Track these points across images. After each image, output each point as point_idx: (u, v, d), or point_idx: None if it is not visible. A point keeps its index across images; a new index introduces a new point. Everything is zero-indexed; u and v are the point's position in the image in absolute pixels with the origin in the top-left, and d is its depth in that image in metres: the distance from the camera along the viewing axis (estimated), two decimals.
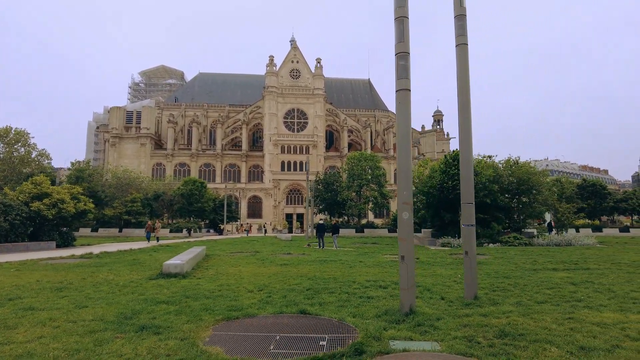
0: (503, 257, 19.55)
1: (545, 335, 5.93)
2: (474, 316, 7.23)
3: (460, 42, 9.63)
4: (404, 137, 7.90)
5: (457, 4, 9.70)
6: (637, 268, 14.36)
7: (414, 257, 7.74)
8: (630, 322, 6.67)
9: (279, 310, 7.93)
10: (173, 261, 12.88)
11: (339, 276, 12.66)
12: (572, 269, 14.41)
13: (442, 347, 5.53)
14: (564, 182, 58.39)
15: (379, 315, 7.36)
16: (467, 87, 9.60)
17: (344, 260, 18.13)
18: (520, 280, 11.57)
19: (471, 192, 9.41)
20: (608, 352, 5.15)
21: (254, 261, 17.36)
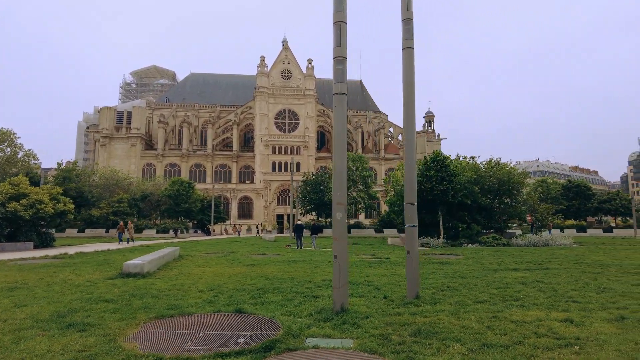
0: (474, 257, 19.77)
1: (457, 333, 6.10)
2: (403, 315, 7.40)
3: (407, 46, 9.81)
4: (339, 139, 8.07)
5: (404, 8, 9.89)
6: (595, 267, 14.61)
7: (347, 256, 7.89)
8: (548, 319, 6.86)
9: (217, 309, 8.07)
10: (133, 261, 12.98)
11: (298, 276, 12.81)
12: (532, 268, 14.63)
13: (354, 345, 5.69)
14: (550, 182, 59.04)
15: (312, 314, 7.51)
16: (412, 91, 9.79)
17: (313, 260, 18.28)
18: (474, 280, 11.76)
19: (414, 194, 9.56)
20: (506, 349, 5.32)
21: (223, 262, 17.47)
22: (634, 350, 5.18)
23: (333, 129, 8.29)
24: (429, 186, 30.25)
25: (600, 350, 5.17)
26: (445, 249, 25.60)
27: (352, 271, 14.40)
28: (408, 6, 9.86)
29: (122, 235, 31.72)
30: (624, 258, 18.47)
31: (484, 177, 33.02)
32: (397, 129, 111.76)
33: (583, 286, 10.44)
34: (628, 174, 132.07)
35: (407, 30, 9.81)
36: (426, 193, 30.57)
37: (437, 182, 29.98)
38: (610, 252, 22.57)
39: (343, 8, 8.22)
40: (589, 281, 11.28)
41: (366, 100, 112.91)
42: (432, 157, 31.92)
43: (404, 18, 9.88)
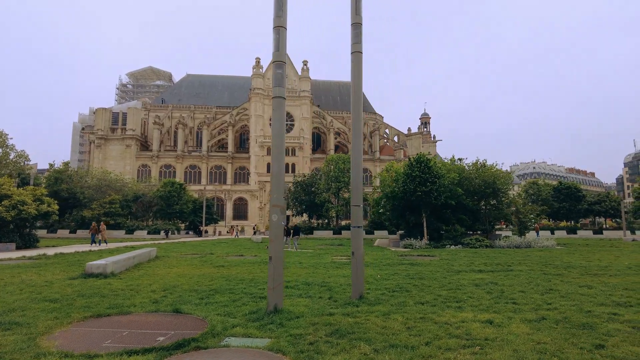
0: (448, 259, 19.88)
1: (373, 334, 6.20)
2: (335, 315, 7.51)
3: (355, 50, 9.95)
4: (278, 143, 8.20)
5: (353, 12, 10.02)
6: (559, 269, 14.72)
7: (282, 257, 8.01)
8: (472, 320, 6.97)
9: (157, 309, 8.19)
10: (97, 262, 13.10)
11: (259, 277, 12.91)
12: (497, 270, 14.74)
13: (266, 344, 5.80)
14: (541, 184, 59.13)
15: (247, 314, 7.63)
16: (359, 94, 9.92)
17: (287, 261, 18.38)
18: (431, 282, 11.85)
19: (360, 196, 9.68)
20: (410, 349, 5.43)
21: (195, 263, 17.59)
22: (530, 349, 5.30)
23: (272, 131, 8.41)
24: (412, 187, 30.36)
25: (497, 351, 5.28)
26: (425, 251, 25.70)
27: (317, 272, 14.56)
28: (357, 10, 10.00)
29: (95, 237, 30.49)
30: (595, 260, 18.60)
31: (468, 179, 33.09)
32: (393, 131, 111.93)
33: (532, 288, 10.55)
34: (623, 175, 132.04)
35: (356, 35, 9.95)
36: (410, 194, 30.70)
37: (420, 183, 30.09)
38: (586, 253, 22.67)
39: (283, 13, 8.35)
40: (542, 283, 11.40)
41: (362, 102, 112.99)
42: (416, 158, 32.02)
43: (353, 22, 10.02)
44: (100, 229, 31.47)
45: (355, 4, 9.98)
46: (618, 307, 7.92)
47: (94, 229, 30.93)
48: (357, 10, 10.00)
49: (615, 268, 15.08)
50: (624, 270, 14.30)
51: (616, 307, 7.98)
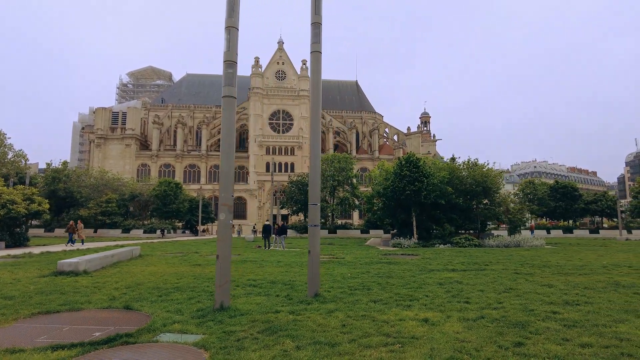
0: (430, 257, 19.90)
1: (305, 331, 6.26)
2: (280, 313, 7.57)
3: (314, 50, 10.01)
4: (226, 142, 8.27)
5: (313, 12, 10.08)
6: (534, 268, 14.72)
7: (229, 257, 8.10)
8: (411, 319, 7.01)
9: (109, 305, 8.31)
10: (69, 260, 13.23)
11: (235, 277, 12.94)
12: (470, 269, 14.76)
13: (197, 340, 5.88)
14: (537, 184, 58.94)
15: (194, 312, 7.71)
16: (318, 93, 9.98)
17: (266, 260, 18.50)
18: (396, 281, 11.88)
19: (317, 194, 9.74)
20: (331, 346, 5.48)
21: (175, 262, 17.71)
22: (449, 347, 5.33)
23: (221, 131, 8.48)
24: (401, 186, 30.39)
25: (416, 348, 5.32)
26: (411, 250, 25.72)
27: (290, 271, 14.66)
28: (317, 10, 10.06)
29: (72, 236, 28.85)
30: (575, 259, 18.56)
31: (459, 178, 33.06)
32: (393, 130, 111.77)
33: (493, 287, 10.57)
34: (625, 174, 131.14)
35: (315, 34, 10.01)
36: (399, 193, 30.73)
37: (409, 182, 30.10)
38: (571, 253, 22.64)
39: (234, 14, 8.42)
40: (507, 282, 11.41)
41: (362, 101, 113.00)
42: (406, 157, 32.04)
43: (312, 22, 10.08)
44: (77, 228, 30.20)
45: (314, 4, 10.04)
46: (564, 306, 7.94)
47: (71, 227, 29.49)
48: (317, 10, 10.06)
49: (590, 267, 15.07)
50: (597, 269, 14.28)
51: (563, 305, 8.00)
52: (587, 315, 7.08)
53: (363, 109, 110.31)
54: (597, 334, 5.89)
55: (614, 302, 8.37)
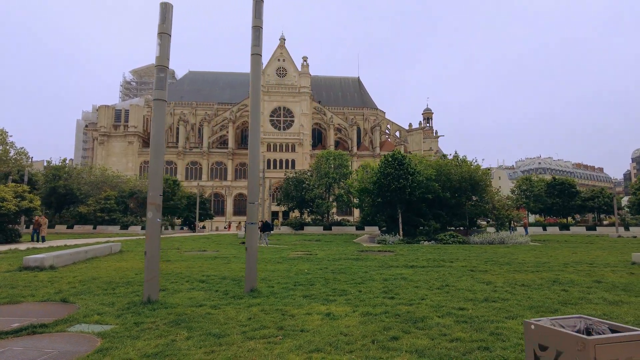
0: (403, 254, 20.14)
1: (207, 323, 6.62)
2: (203, 307, 7.91)
3: (255, 52, 10.33)
4: (156, 143, 8.63)
5: (254, 16, 10.39)
6: (493, 265, 14.91)
7: (158, 253, 8.48)
8: (318, 313, 7.33)
9: (48, 298, 8.75)
10: (35, 255, 13.74)
11: (192, 272, 13.39)
12: (430, 266, 14.97)
13: (104, 330, 6.27)
14: (534, 180, 58.66)
15: (124, 305, 8.12)
16: (258, 95, 10.29)
17: (238, 256, 18.86)
18: (346, 277, 12.16)
19: (256, 193, 10.08)
20: (220, 337, 5.83)
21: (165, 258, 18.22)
22: (324, 340, 5.62)
23: (151, 132, 8.85)
24: (385, 183, 30.61)
25: (293, 340, 5.66)
26: (391, 246, 25.96)
27: (258, 267, 14.96)
28: (257, 14, 10.36)
29: (36, 233, 27.22)
30: (546, 257, 18.63)
31: (446, 174, 33.16)
32: (394, 126, 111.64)
33: (432, 283, 10.82)
34: (631, 171, 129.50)
35: (256, 37, 10.32)
36: (384, 190, 30.96)
37: (393, 179, 30.31)
38: (548, 250, 22.70)
39: (166, 20, 8.77)
40: (451, 279, 11.64)
41: (363, 98, 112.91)
42: (391, 154, 32.23)
43: (253, 25, 10.38)
44: (41, 224, 28.03)
45: (255, 8, 10.34)
46: (479, 302, 8.20)
47: (37, 223, 27.90)
48: (258, 14, 10.36)
49: (550, 264, 15.21)
50: (554, 267, 14.44)
51: (478, 302, 8.26)
52: (490, 311, 7.35)
53: (365, 105, 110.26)
54: (477, 329, 6.17)
55: (532, 298, 8.62)
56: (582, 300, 8.32)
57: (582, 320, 3.02)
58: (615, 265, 14.88)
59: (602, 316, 6.95)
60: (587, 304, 7.97)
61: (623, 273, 12.61)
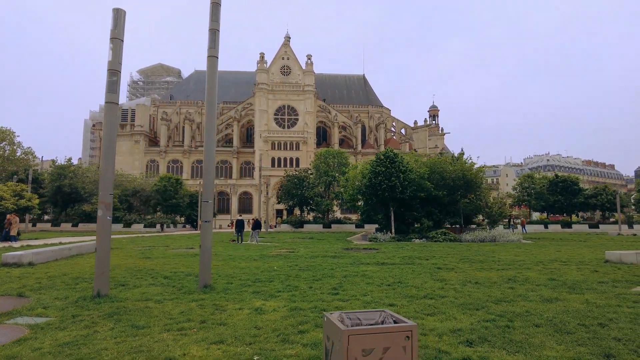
0: (385, 252, 20.31)
1: (139, 315, 6.95)
2: (150, 301, 8.25)
3: (211, 54, 10.62)
4: (107, 145, 8.97)
5: (211, 19, 10.67)
6: (464, 263, 15.03)
7: (108, 249, 8.81)
8: (250, 308, 7.60)
9: (8, 293, 9.15)
10: (13, 252, 14.25)
11: (165, 269, 13.78)
12: (399, 263, 15.08)
13: (40, 322, 6.62)
14: (536, 178, 58.15)
15: (76, 298, 8.48)
16: (214, 96, 10.57)
17: (220, 254, 19.25)
18: (309, 274, 12.39)
19: (210, 192, 10.37)
20: (139, 329, 6.15)
21: (132, 254, 18.72)
22: (231, 334, 5.84)
23: (103, 135, 9.18)
24: (377, 182, 30.75)
25: (206, 332, 5.94)
26: (379, 244, 26.11)
27: (227, 264, 15.34)
28: (214, 17, 10.63)
29: (7, 233, 25.74)
30: (529, 255, 18.52)
31: (439, 172, 33.12)
32: (400, 124, 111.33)
33: (387, 280, 11.04)
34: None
35: (212, 40, 10.61)
36: (376, 188, 31.10)
37: (384, 178, 30.43)
38: (537, 248, 22.56)
39: (118, 26, 9.08)
40: (408, 275, 11.83)
41: (369, 95, 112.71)
42: (383, 153, 32.34)
43: (210, 28, 10.66)
44: (12, 223, 26.03)
45: (212, 11, 10.62)
46: (415, 299, 8.38)
47: (7, 222, 26.10)
48: (214, 17, 10.64)
49: (522, 263, 15.23)
50: (524, 265, 14.49)
51: (416, 299, 8.42)
52: (418, 307, 7.55)
53: (370, 103, 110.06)
54: None
55: (471, 296, 8.77)
56: (519, 298, 8.45)
57: (382, 314, 3.23)
58: (588, 263, 14.87)
59: (509, 313, 7.10)
60: (521, 301, 8.10)
61: (587, 271, 12.64)
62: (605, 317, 6.64)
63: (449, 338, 5.59)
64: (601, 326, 6.14)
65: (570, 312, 7.05)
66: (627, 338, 5.55)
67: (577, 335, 5.69)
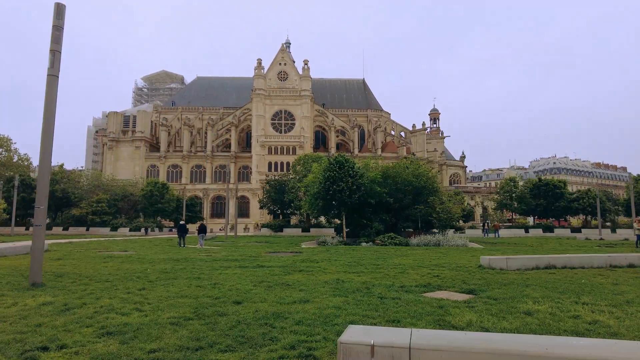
0: (302, 256, 20.92)
1: None
2: None
3: (51, 74, 11.53)
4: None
5: (52, 41, 11.60)
6: (342, 267, 15.54)
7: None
8: (43, 303, 8.44)
9: None
10: None
11: (51, 269, 14.78)
12: (247, 266, 15.56)
13: None
14: (518, 181, 57.53)
15: None
16: (52, 117, 11.48)
17: (130, 258, 20.18)
18: (167, 275, 13.19)
19: (44, 198, 11.24)
20: None
21: (57, 256, 19.84)
22: (11, 330, 6.74)
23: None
24: (326, 186, 31.32)
25: (12, 323, 6.80)
26: (323, 247, 26.73)
27: (125, 267, 16.23)
28: (55, 39, 11.57)
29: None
30: (427, 259, 18.86)
31: (392, 177, 33.47)
32: (399, 127, 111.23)
33: (208, 278, 11.76)
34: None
35: (52, 61, 11.53)
36: (325, 193, 31.68)
37: (332, 182, 30.98)
38: (458, 252, 22.79)
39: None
40: (236, 279, 12.40)
41: (368, 99, 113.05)
42: (334, 158, 32.90)
43: (51, 49, 11.61)
44: None
45: (53, 34, 11.56)
46: (196, 298, 9.09)
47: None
48: (56, 39, 11.56)
49: (397, 267, 15.62)
50: (394, 269, 14.91)
51: (200, 298, 9.15)
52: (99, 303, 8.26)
53: (369, 107, 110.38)
54: None
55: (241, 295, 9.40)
56: (312, 296, 8.99)
57: None
58: (458, 267, 15.15)
59: None
60: (311, 304, 8.69)
61: (425, 275, 12.96)
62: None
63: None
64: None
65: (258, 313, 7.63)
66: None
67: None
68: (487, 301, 8.54)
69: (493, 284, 11.02)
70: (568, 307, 7.85)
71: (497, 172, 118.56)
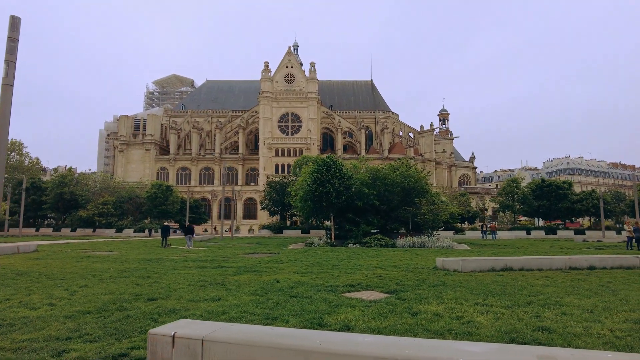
0: (277, 258, 21.30)
1: None
2: None
3: (5, 83, 12.20)
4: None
5: (7, 52, 12.28)
6: (297, 266, 15.86)
7: None
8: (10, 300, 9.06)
9: None
10: None
11: (12, 268, 15.53)
12: (208, 267, 16.01)
13: None
14: (520, 182, 56.78)
15: None
16: (6, 129, 12.13)
17: (120, 258, 20.87)
18: (129, 273, 13.74)
19: None
20: None
21: (40, 256, 20.68)
22: None
23: None
24: (313, 187, 31.63)
25: None
26: (307, 249, 27.06)
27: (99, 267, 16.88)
28: (10, 50, 12.23)
29: None
30: (395, 261, 19.01)
31: (380, 179, 33.56)
32: (407, 128, 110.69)
33: (145, 279, 12.21)
34: None
35: (7, 71, 12.19)
36: (312, 194, 31.99)
37: (319, 184, 31.27)
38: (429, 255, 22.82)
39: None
40: (171, 275, 12.92)
41: (376, 101, 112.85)
42: (322, 159, 33.17)
43: (6, 59, 12.28)
44: None
45: (8, 46, 12.23)
46: (124, 295, 9.55)
47: None
48: (10, 50, 12.23)
49: (361, 267, 15.88)
50: (347, 270, 15.16)
51: (134, 294, 9.60)
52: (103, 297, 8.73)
53: (377, 108, 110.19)
54: None
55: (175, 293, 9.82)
56: (227, 295, 9.39)
57: None
58: (413, 269, 15.28)
59: None
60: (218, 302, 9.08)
61: (369, 275, 13.17)
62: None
63: None
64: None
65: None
66: None
67: None
68: (393, 301, 8.75)
69: (424, 284, 11.19)
70: (464, 308, 8.01)
71: (509, 172, 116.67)
